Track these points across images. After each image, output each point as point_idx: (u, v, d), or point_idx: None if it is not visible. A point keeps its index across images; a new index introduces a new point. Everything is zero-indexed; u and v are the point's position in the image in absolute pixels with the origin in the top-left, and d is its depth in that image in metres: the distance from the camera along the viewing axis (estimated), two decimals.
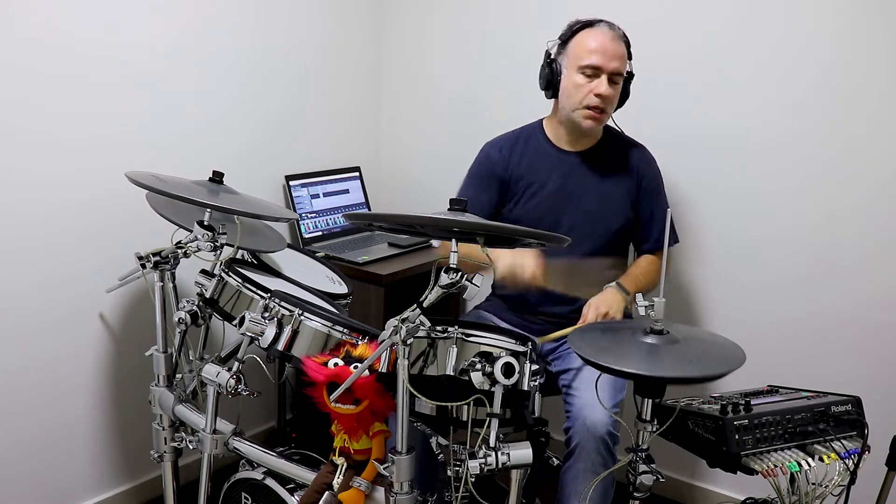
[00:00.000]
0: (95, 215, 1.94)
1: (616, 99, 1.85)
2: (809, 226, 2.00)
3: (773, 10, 1.96)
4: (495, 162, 1.94)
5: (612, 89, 1.80)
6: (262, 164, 2.38)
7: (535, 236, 1.32)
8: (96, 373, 2.04)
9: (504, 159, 1.94)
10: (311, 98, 2.51)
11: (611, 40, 1.80)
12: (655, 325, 1.32)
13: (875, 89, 1.87)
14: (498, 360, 1.23)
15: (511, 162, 1.94)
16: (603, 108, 1.80)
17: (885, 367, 1.94)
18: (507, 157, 1.94)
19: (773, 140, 2.02)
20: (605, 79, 1.78)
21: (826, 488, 1.29)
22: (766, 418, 1.29)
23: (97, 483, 2.09)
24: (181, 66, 2.09)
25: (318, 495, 1.41)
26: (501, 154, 1.95)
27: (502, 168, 1.93)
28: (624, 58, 1.82)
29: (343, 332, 1.46)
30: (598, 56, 1.78)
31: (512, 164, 1.94)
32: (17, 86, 1.75)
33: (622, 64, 1.81)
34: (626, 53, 1.84)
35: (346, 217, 2.02)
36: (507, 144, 1.96)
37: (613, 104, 1.84)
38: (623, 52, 1.82)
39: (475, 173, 1.98)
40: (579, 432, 1.63)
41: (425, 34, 2.64)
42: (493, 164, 1.95)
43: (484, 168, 1.96)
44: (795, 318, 2.06)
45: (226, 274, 1.62)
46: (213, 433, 1.53)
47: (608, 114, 1.84)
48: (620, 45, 1.82)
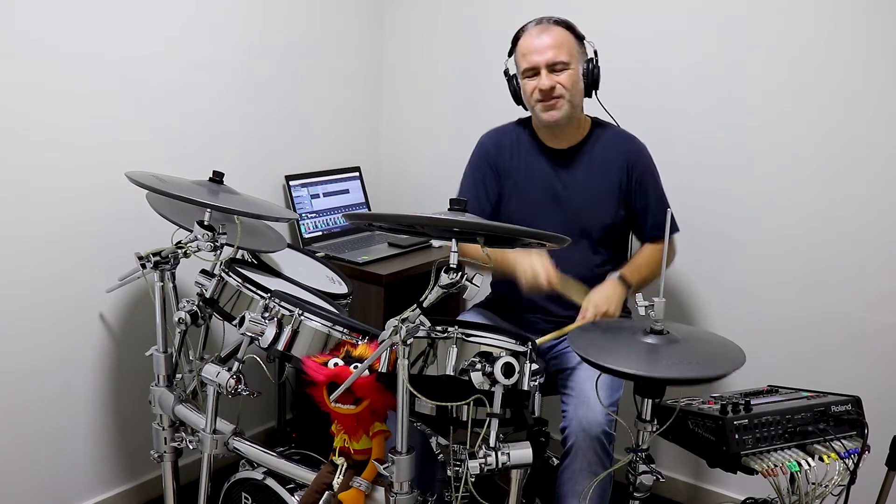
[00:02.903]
0: (96, 215, 1.94)
1: (571, 84, 1.78)
2: (809, 226, 2.00)
3: (773, 9, 1.96)
4: (489, 153, 1.96)
5: (555, 78, 1.77)
6: (262, 164, 2.38)
7: (535, 236, 1.32)
8: (96, 373, 2.04)
9: (496, 152, 1.95)
10: (311, 98, 2.51)
11: (538, 36, 1.78)
12: (655, 325, 1.32)
13: (875, 89, 1.86)
14: (498, 360, 1.23)
15: (500, 156, 1.95)
16: (555, 97, 1.78)
17: (885, 367, 1.94)
18: (498, 151, 1.95)
19: (773, 140, 2.02)
20: (544, 73, 1.77)
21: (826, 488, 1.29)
22: (766, 418, 1.30)
23: (97, 483, 2.09)
24: (181, 65, 2.09)
25: (318, 495, 1.41)
26: (494, 146, 1.96)
27: (494, 160, 1.95)
28: (559, 45, 1.77)
29: (343, 332, 1.46)
30: (530, 56, 1.78)
31: (502, 158, 1.94)
32: (18, 85, 1.75)
33: (557, 52, 1.76)
34: (567, 38, 1.79)
35: (346, 217, 2.02)
36: (499, 138, 1.97)
37: (568, 91, 1.78)
38: (556, 39, 1.77)
39: (474, 165, 1.99)
40: (575, 432, 1.63)
41: (425, 34, 2.64)
42: (488, 155, 1.96)
43: (481, 159, 1.97)
44: (795, 318, 2.06)
45: (226, 274, 1.62)
46: (213, 433, 1.53)
47: (566, 100, 1.79)
48: (551, 34, 1.78)
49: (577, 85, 1.81)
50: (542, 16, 1.83)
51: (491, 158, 1.95)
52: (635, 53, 2.16)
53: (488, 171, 1.95)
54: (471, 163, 1.99)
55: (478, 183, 1.95)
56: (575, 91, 1.80)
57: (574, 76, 1.79)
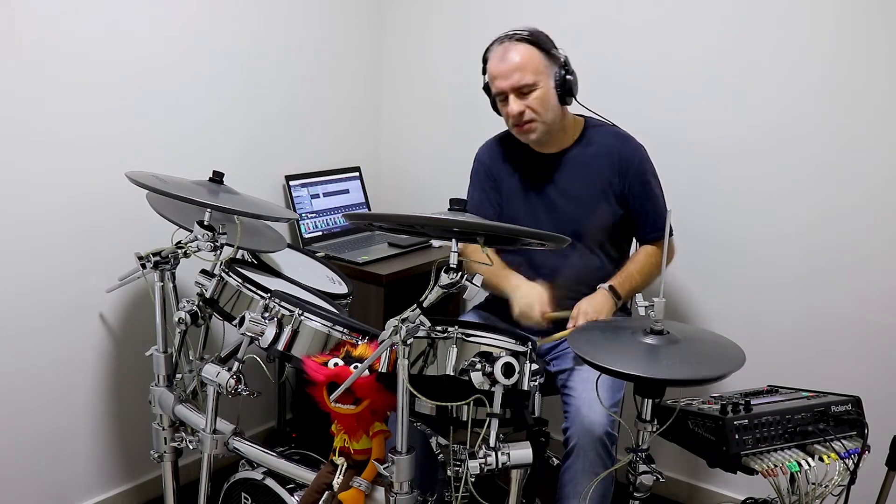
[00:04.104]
0: (96, 215, 1.94)
1: (541, 104, 1.75)
2: (809, 226, 2.00)
3: (773, 10, 1.96)
4: (485, 164, 1.98)
5: (524, 103, 1.75)
6: (262, 164, 2.38)
7: (535, 236, 1.32)
8: (96, 373, 2.04)
9: (490, 162, 1.97)
10: (311, 98, 2.51)
11: (501, 59, 1.75)
12: (655, 325, 1.32)
13: (875, 89, 1.86)
14: (498, 360, 1.23)
15: (495, 165, 1.96)
16: (526, 122, 1.77)
17: (885, 368, 1.94)
18: (492, 160, 1.97)
19: (773, 140, 2.02)
20: (512, 98, 1.75)
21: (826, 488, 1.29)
22: (766, 418, 1.29)
23: (97, 483, 2.09)
24: (181, 65, 2.09)
25: (318, 495, 1.41)
26: (488, 157, 1.98)
27: (489, 169, 1.97)
28: (523, 67, 1.73)
29: (343, 332, 1.46)
30: (496, 82, 1.77)
31: (496, 166, 1.96)
32: (18, 85, 1.75)
33: (522, 74, 1.72)
34: (530, 55, 1.74)
35: (346, 217, 2.03)
36: (492, 147, 1.99)
37: (539, 112, 1.76)
38: (520, 60, 1.73)
39: (474, 178, 2.01)
40: (577, 432, 1.63)
41: (425, 34, 2.64)
42: (485, 166, 1.98)
43: (479, 171, 2.00)
44: (795, 318, 2.06)
45: (226, 274, 1.62)
46: (213, 433, 1.53)
47: (539, 122, 1.78)
48: (515, 54, 1.74)
49: (549, 102, 1.77)
50: (505, 32, 1.79)
51: (487, 169, 1.97)
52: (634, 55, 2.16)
53: (487, 182, 1.97)
54: (472, 177, 2.02)
55: (480, 192, 1.97)
56: (547, 110, 1.77)
57: (544, 95, 1.76)
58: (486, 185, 1.97)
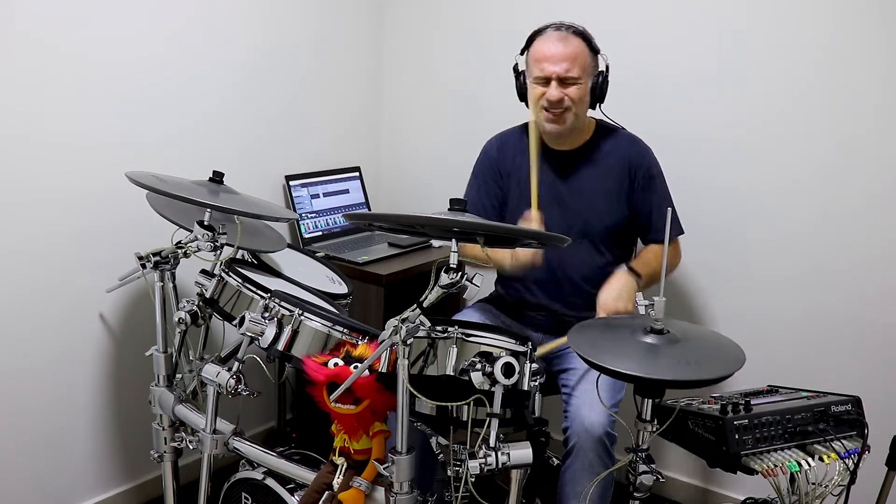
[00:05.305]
0: (96, 215, 1.94)
1: (579, 98, 1.78)
2: (809, 226, 2.00)
3: (774, 9, 1.96)
4: (492, 158, 1.98)
5: (564, 92, 1.76)
6: (262, 164, 2.38)
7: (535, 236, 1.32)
8: (96, 373, 2.04)
9: (497, 156, 1.97)
10: (311, 98, 2.51)
11: (555, 44, 1.77)
12: (655, 325, 1.32)
13: (875, 89, 1.86)
14: (498, 360, 1.23)
15: (502, 160, 1.96)
16: (561, 110, 1.78)
17: (885, 367, 1.94)
18: (499, 155, 1.97)
19: (773, 140, 2.02)
20: (554, 84, 1.76)
21: (826, 488, 1.29)
22: (766, 418, 1.29)
23: (97, 483, 2.09)
24: (181, 66, 2.09)
25: (318, 495, 1.41)
26: (496, 150, 1.98)
27: (497, 164, 1.97)
28: (574, 58, 1.76)
29: (343, 332, 1.46)
30: (545, 64, 1.77)
31: (503, 161, 1.96)
32: (18, 85, 1.75)
33: (571, 65, 1.75)
34: (582, 51, 1.78)
35: (346, 217, 2.03)
36: (502, 141, 1.99)
37: (576, 104, 1.79)
38: (573, 51, 1.76)
39: (478, 170, 2.01)
40: (577, 432, 1.63)
41: (425, 34, 2.64)
42: (491, 159, 1.98)
43: (484, 163, 2.00)
44: (795, 318, 2.06)
45: (226, 274, 1.62)
46: (213, 433, 1.53)
47: (572, 113, 1.79)
48: (568, 45, 1.76)
49: (585, 98, 1.81)
50: (561, 22, 1.81)
51: (493, 161, 1.97)
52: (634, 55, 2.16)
53: (490, 175, 1.97)
54: (474, 168, 2.02)
55: (480, 187, 1.98)
56: (581, 104, 1.81)
57: (582, 92, 1.79)
58: (489, 178, 1.97)
